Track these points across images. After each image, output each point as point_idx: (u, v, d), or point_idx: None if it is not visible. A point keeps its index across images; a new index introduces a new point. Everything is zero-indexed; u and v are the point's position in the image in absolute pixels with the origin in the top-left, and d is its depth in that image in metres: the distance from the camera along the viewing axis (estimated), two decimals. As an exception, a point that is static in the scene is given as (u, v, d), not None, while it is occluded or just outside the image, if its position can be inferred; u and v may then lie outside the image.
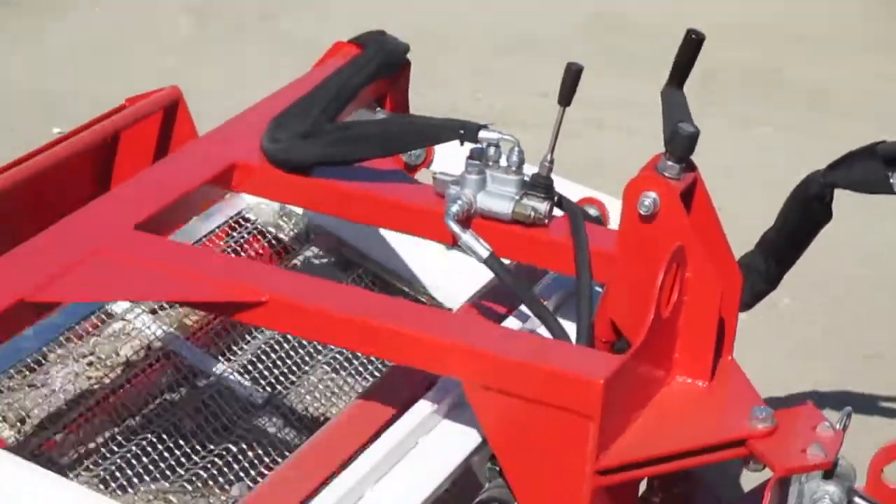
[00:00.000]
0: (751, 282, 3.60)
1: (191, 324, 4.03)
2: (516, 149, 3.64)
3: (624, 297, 3.48)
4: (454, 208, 3.61)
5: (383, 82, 4.24)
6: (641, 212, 3.40)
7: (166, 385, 3.93)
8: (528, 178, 3.66)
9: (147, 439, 3.74)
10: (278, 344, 4.08)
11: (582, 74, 3.57)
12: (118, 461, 3.69)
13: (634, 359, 3.29)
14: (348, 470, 3.36)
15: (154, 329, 3.96)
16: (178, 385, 3.93)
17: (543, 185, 3.64)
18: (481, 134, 3.65)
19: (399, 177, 3.96)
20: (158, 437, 3.76)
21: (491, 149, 3.66)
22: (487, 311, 3.77)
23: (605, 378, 3.15)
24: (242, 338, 4.07)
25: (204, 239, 4.17)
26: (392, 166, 3.99)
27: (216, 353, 4.01)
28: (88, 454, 3.68)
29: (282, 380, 4.04)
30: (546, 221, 3.65)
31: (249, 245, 4.25)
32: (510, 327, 3.68)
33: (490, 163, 3.66)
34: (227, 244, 4.20)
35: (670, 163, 3.40)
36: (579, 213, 3.68)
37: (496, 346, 3.33)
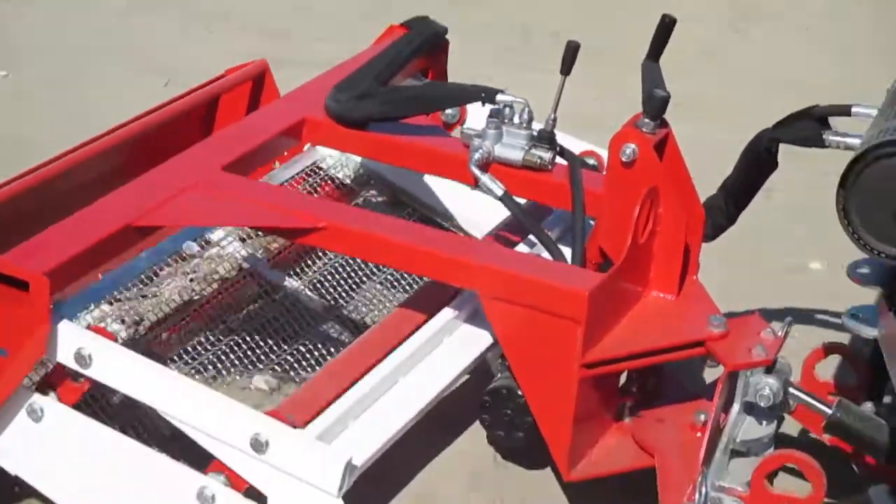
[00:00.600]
0: (712, 218, 3.59)
1: (271, 248, 4.03)
2: (526, 109, 3.69)
3: (609, 228, 3.50)
4: (476, 156, 3.66)
5: (426, 57, 4.24)
6: (623, 159, 3.44)
7: (250, 297, 3.94)
8: (536, 133, 3.70)
9: (234, 340, 3.78)
10: (340, 266, 4.09)
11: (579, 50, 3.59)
12: (210, 356, 3.74)
13: (615, 276, 3.35)
14: (386, 361, 3.40)
15: (242, 253, 3.97)
16: (260, 297, 3.95)
17: (548, 139, 3.70)
18: (499, 97, 3.70)
19: (436, 132, 3.99)
20: (243, 339, 3.81)
21: (506, 109, 3.70)
22: (503, 239, 3.80)
23: (590, 290, 3.20)
24: (311, 260, 4.08)
25: (286, 182, 4.16)
26: (431, 123, 4.02)
27: (290, 273, 4.02)
28: (188, 350, 3.70)
29: (342, 294, 4.05)
30: (550, 167, 3.70)
31: (321, 188, 4.24)
32: (520, 251, 3.70)
33: (505, 120, 3.70)
34: (304, 187, 4.20)
35: (647, 120, 3.44)
36: (577, 161, 3.71)
37: (506, 266, 3.38)
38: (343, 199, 4.24)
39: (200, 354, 3.71)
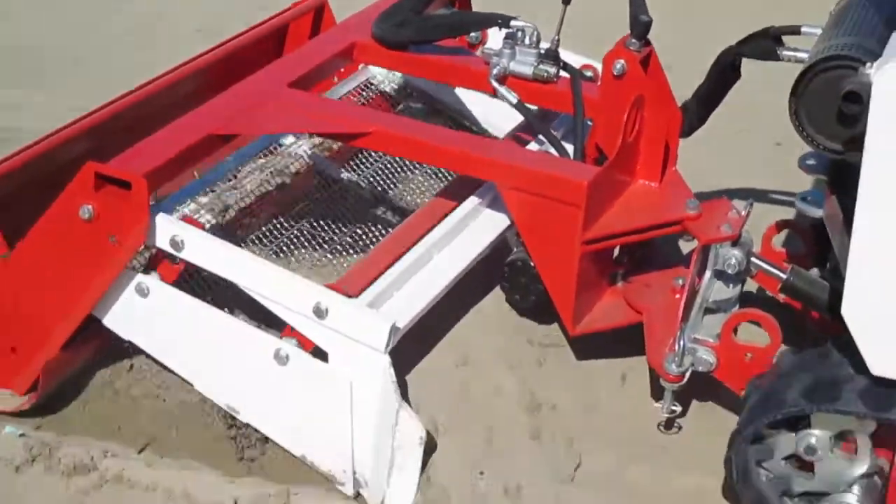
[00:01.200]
0: (688, 119, 3.58)
1: (331, 150, 3.99)
2: (535, 32, 3.67)
3: (604, 129, 3.49)
4: (494, 71, 3.66)
5: (453, -9, 4.19)
6: (614, 73, 3.45)
7: (315, 188, 3.91)
8: (543, 52, 3.68)
9: (303, 224, 3.76)
10: (389, 163, 4.05)
11: None
12: (284, 238, 3.70)
13: (608, 169, 3.36)
14: (423, 240, 3.41)
15: (308, 152, 3.94)
16: (323, 188, 3.92)
17: (553, 56, 3.68)
18: (513, 23, 3.68)
19: (462, 51, 3.97)
20: (310, 223, 3.78)
21: (519, 32, 3.68)
22: (518, 139, 3.77)
23: (589, 180, 3.22)
24: (364, 158, 4.04)
25: (344, 95, 4.12)
26: (458, 45, 4.00)
27: (348, 169, 3.99)
28: (265, 234, 3.68)
29: (390, 185, 4.02)
30: (555, 80, 3.68)
31: (373, 100, 4.20)
32: (531, 149, 3.69)
33: (518, 41, 3.68)
34: (359, 99, 4.16)
35: (633, 40, 3.43)
36: (577, 74, 3.70)
37: (520, 161, 3.40)
38: (389, 109, 4.20)
39: (276, 237, 3.68)
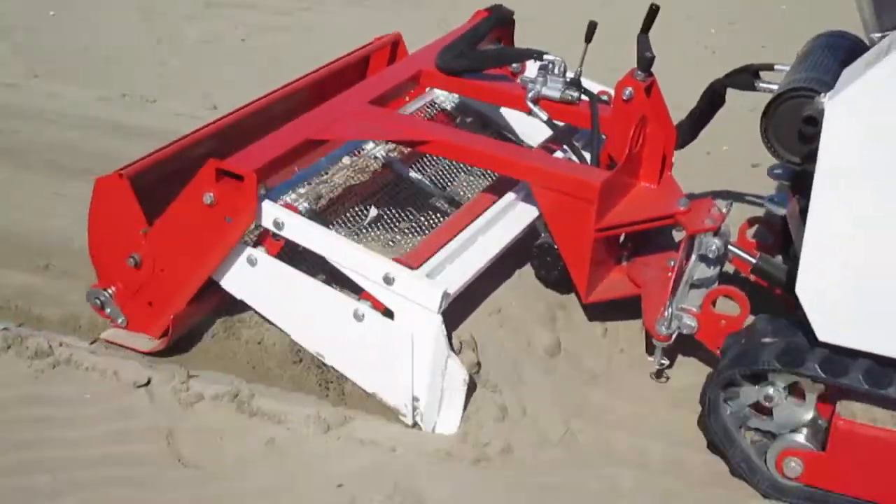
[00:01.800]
0: (681, 134, 3.59)
1: (401, 153, 4.00)
2: (563, 64, 3.67)
3: (615, 142, 3.49)
4: (530, 94, 3.67)
5: (499, 30, 4.18)
6: (623, 97, 3.46)
7: (389, 183, 3.91)
8: (568, 80, 3.68)
9: (379, 211, 3.76)
10: (445, 164, 4.05)
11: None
12: (363, 222, 3.72)
13: (617, 173, 3.38)
14: (470, 226, 3.43)
15: (384, 155, 3.96)
16: (395, 184, 3.92)
17: (576, 83, 3.67)
18: (545, 56, 3.69)
19: (505, 78, 3.96)
20: (385, 211, 3.78)
21: (550, 64, 3.68)
22: (548, 148, 3.77)
23: (601, 182, 3.25)
24: (427, 160, 4.03)
25: (414, 112, 4.13)
26: (502, 73, 3.98)
27: (414, 169, 3.99)
28: (349, 219, 3.69)
29: (445, 182, 4.01)
30: (578, 102, 3.67)
31: (436, 116, 4.21)
32: (557, 156, 3.69)
33: (549, 71, 3.67)
34: (424, 115, 4.16)
35: (639, 72, 3.44)
36: (595, 98, 3.68)
37: (549, 165, 3.42)
38: (448, 123, 4.20)
39: (357, 221, 3.70)
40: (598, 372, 3.50)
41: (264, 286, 3.32)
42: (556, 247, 3.44)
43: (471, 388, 3.19)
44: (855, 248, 2.69)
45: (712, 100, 3.58)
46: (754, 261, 3.35)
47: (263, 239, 3.36)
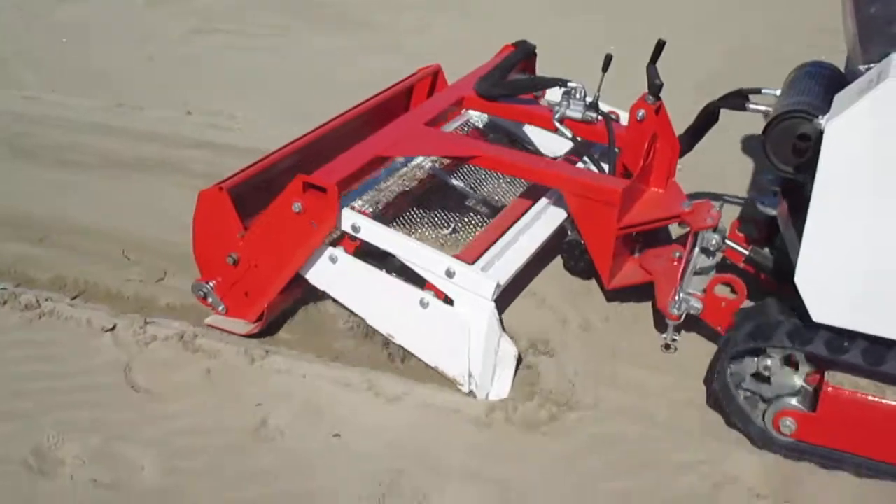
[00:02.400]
0: (682, 146, 3.44)
1: (444, 164, 3.89)
2: (584, 89, 3.58)
3: (631, 155, 3.40)
4: (556, 115, 3.58)
5: (525, 62, 4.05)
6: (637, 118, 3.37)
7: (435, 188, 3.81)
8: (588, 103, 3.58)
9: (426, 213, 3.66)
10: (483, 174, 3.91)
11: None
12: (413, 220, 3.61)
13: (634, 181, 3.29)
14: (513, 227, 3.36)
15: (430, 165, 3.85)
16: (440, 189, 3.82)
17: (595, 105, 3.58)
18: (569, 84, 3.59)
19: (534, 102, 3.86)
20: (433, 212, 3.68)
21: (572, 89, 3.58)
22: (570, 160, 3.67)
23: (622, 189, 3.16)
24: (467, 170, 3.91)
25: (453, 129, 3.95)
26: (530, 97, 3.87)
27: (456, 177, 3.88)
28: (403, 220, 3.58)
29: (487, 189, 3.89)
30: (596, 122, 3.56)
31: (470, 132, 4.07)
32: (580, 167, 3.58)
33: (571, 96, 3.58)
34: (461, 132, 4.00)
35: (650, 97, 3.34)
36: (610, 118, 3.58)
37: (575, 174, 3.30)
38: (480, 138, 4.07)
39: (411, 221, 3.61)
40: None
41: (343, 280, 3.22)
42: (583, 243, 3.35)
43: (518, 361, 3.11)
44: (849, 243, 2.60)
45: (707, 119, 3.47)
46: (747, 253, 3.26)
47: (342, 240, 3.26)
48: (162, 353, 3.29)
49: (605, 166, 3.47)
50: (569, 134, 3.52)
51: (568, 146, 3.71)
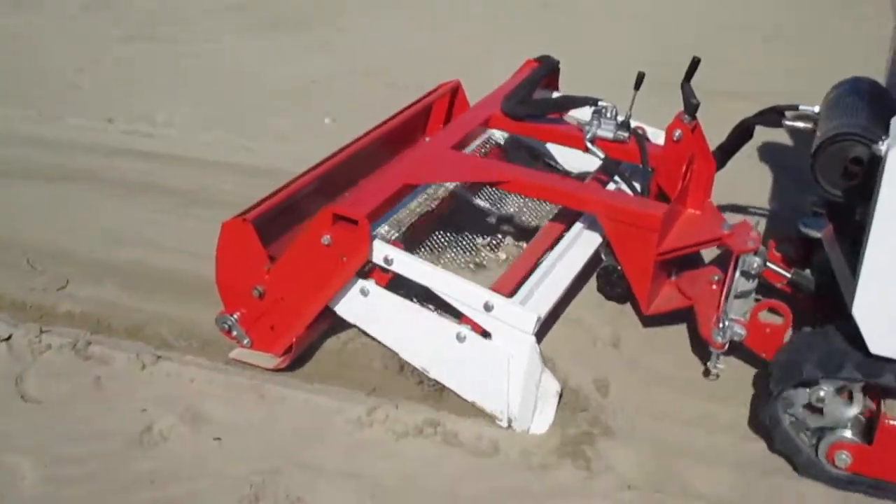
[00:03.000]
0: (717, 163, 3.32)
1: (466, 184, 3.71)
2: (614, 108, 3.44)
3: (667, 176, 3.28)
4: (588, 135, 3.44)
5: (548, 78, 3.91)
6: (673, 138, 3.24)
7: (458, 209, 3.66)
8: (619, 122, 3.44)
9: (448, 233, 3.54)
10: (505, 195, 3.75)
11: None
12: (439, 243, 3.50)
13: (673, 204, 3.16)
14: (550, 254, 3.23)
15: (452, 186, 3.68)
16: (462, 210, 3.68)
17: (626, 125, 3.44)
18: (600, 103, 3.46)
19: (562, 121, 3.73)
20: (459, 235, 3.57)
21: (603, 109, 3.45)
22: (599, 180, 3.52)
23: (662, 213, 3.03)
24: (489, 191, 3.75)
25: (475, 146, 3.80)
26: (559, 116, 3.73)
27: (481, 198, 3.72)
28: (424, 241, 3.46)
29: (513, 208, 3.74)
30: (628, 141, 3.43)
31: (492, 150, 3.91)
32: (614, 189, 3.45)
33: (602, 115, 3.45)
34: (484, 150, 3.85)
35: (686, 116, 3.21)
36: (643, 137, 3.46)
37: (610, 198, 3.18)
38: (503, 155, 3.93)
39: (438, 245, 3.48)
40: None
41: (375, 313, 3.07)
42: (619, 268, 3.21)
43: (560, 396, 2.97)
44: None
45: (742, 135, 3.36)
46: (789, 275, 3.13)
47: (372, 271, 3.10)
48: (54, 363, 3.27)
49: (637, 185, 3.34)
50: (601, 154, 3.38)
51: (592, 162, 3.57)
